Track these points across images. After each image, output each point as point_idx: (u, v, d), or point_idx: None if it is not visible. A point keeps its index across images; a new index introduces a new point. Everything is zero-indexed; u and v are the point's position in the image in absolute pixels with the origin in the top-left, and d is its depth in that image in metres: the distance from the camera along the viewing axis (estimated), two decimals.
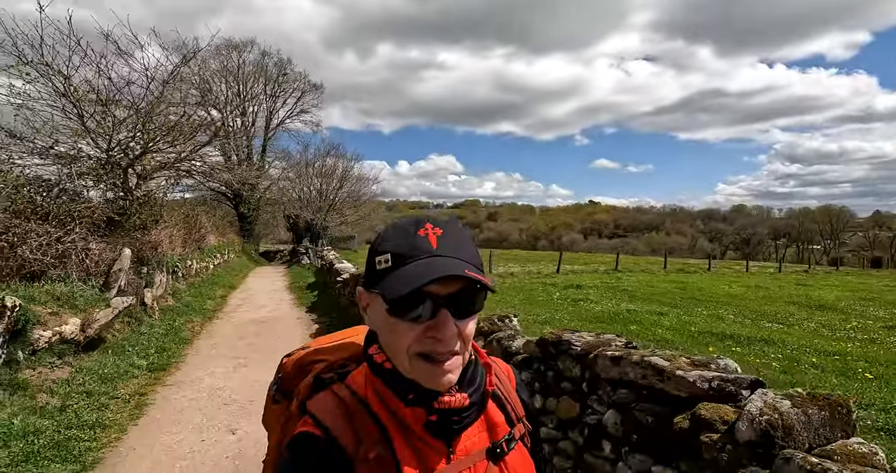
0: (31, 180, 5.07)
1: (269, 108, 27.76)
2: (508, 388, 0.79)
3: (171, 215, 8.44)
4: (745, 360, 5.93)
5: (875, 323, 9.72)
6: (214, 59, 25.63)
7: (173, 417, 3.79)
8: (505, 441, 0.71)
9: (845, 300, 13.21)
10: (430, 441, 0.65)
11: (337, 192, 24.18)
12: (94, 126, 5.84)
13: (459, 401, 0.64)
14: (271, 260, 23.75)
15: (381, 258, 0.63)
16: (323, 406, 0.67)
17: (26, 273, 4.22)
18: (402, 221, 0.68)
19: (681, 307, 11.09)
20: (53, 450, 3.08)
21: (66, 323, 4.29)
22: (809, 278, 20.20)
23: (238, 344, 6.19)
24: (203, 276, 11.63)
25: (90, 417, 3.60)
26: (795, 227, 50.14)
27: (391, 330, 0.63)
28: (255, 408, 3.99)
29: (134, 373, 4.63)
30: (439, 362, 0.61)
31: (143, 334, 5.83)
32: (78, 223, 4.90)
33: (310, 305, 9.41)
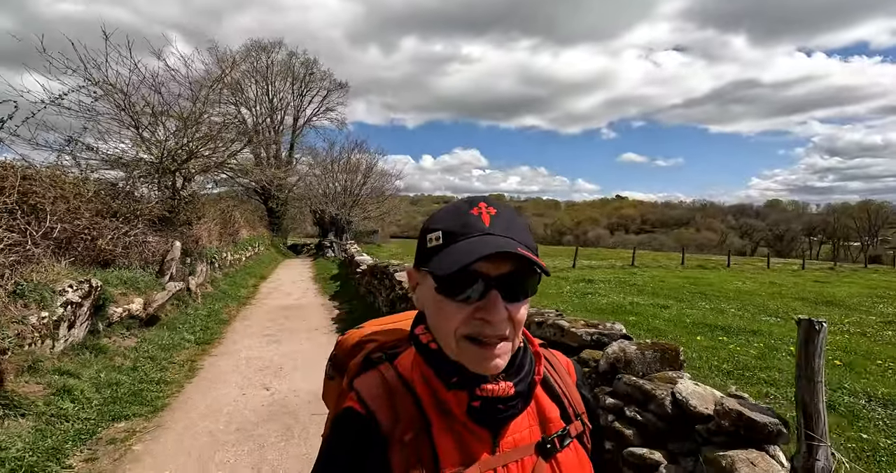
0: (104, 185, 6.12)
1: (297, 107, 29.03)
2: (567, 382, 0.77)
3: (209, 211, 9.52)
4: (727, 347, 6.53)
5: (876, 318, 10.03)
6: (244, 60, 26.99)
7: (219, 378, 4.72)
8: (557, 437, 0.69)
9: (858, 297, 13.38)
10: (473, 428, 0.64)
11: (361, 188, 25.24)
12: (149, 135, 6.89)
13: (504, 390, 0.62)
14: (298, 253, 25.02)
15: (432, 235, 0.63)
16: (367, 384, 0.68)
17: (101, 260, 5.24)
18: (460, 201, 0.67)
19: (686, 301, 11.58)
20: (131, 397, 4.02)
21: (133, 302, 5.29)
22: (832, 275, 20.10)
23: (269, 326, 7.15)
24: (236, 267, 12.77)
25: (155, 375, 4.56)
26: (831, 223, 48.71)
27: (439, 310, 0.62)
28: (284, 373, 4.89)
29: (185, 345, 5.62)
30: (488, 345, 0.60)
31: (189, 315, 6.85)
32: (139, 220, 5.94)
33: (332, 294, 10.39)
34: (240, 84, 26.36)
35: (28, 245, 3.59)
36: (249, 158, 15.04)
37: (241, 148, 9.09)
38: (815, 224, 50.79)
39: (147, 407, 3.90)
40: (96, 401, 3.79)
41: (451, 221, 0.63)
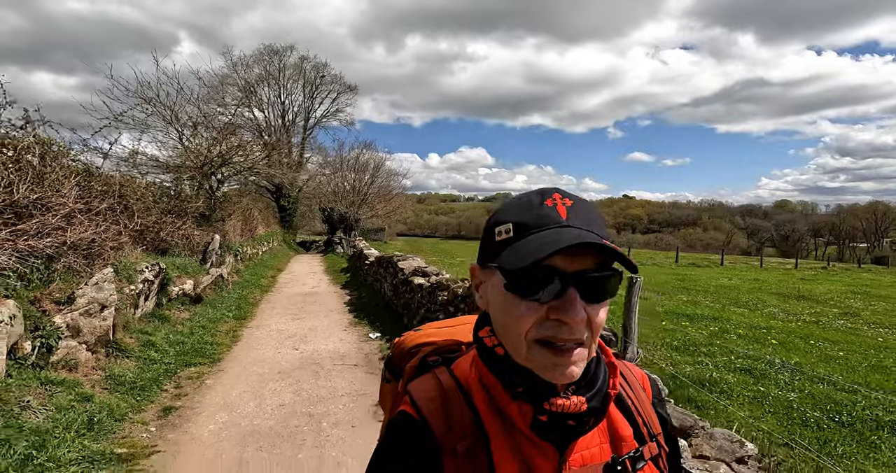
0: (162, 188, 7.44)
1: (307, 108, 30.39)
2: (642, 399, 0.72)
3: (235, 209, 10.85)
4: (685, 331, 7.73)
5: (837, 310, 11.15)
6: (258, 64, 28.44)
7: (258, 342, 6.02)
8: (629, 458, 0.63)
9: (833, 293, 14.45)
10: (537, 442, 0.60)
11: (368, 187, 26.56)
12: (189, 144, 8.22)
13: (575, 406, 0.58)
14: (308, 249, 26.37)
15: (502, 228, 0.58)
16: (422, 388, 0.65)
17: (161, 249, 6.54)
18: (530, 193, 0.63)
19: (666, 294, 12.75)
20: (194, 352, 5.31)
21: (185, 283, 6.60)
22: (821, 274, 21.08)
23: (291, 307, 8.46)
24: (255, 260, 14.12)
25: (208, 339, 5.86)
26: (837, 225, 49.33)
27: (508, 310, 0.57)
28: (308, 340, 6.17)
29: (226, 319, 6.92)
30: (563, 351, 0.55)
31: (224, 297, 8.17)
32: (188, 216, 7.25)
33: (343, 283, 11.70)
34: (253, 87, 27.79)
35: (122, 235, 4.87)
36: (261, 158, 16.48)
37: (265, 156, 10.40)
38: (821, 225, 51.40)
39: (208, 359, 5.20)
40: (171, 353, 5.08)
41: (522, 213, 0.58)
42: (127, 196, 5.40)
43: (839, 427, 4.24)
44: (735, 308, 11.08)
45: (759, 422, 4.10)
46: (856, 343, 7.65)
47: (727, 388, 5.07)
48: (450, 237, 77.90)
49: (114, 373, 4.16)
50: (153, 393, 4.09)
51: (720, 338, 7.57)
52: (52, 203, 3.79)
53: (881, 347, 7.40)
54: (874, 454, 3.80)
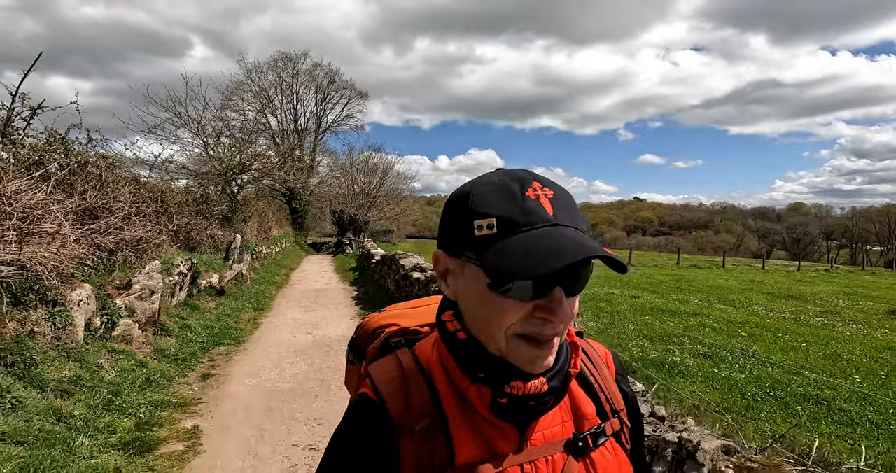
0: (192, 193, 8.42)
1: (319, 114, 31.52)
2: (605, 375, 0.73)
3: (252, 211, 11.84)
4: (665, 324, 8.49)
5: (819, 308, 11.79)
6: (272, 70, 29.64)
7: (276, 328, 6.93)
8: (591, 434, 0.65)
9: (824, 294, 15.02)
10: (496, 423, 0.61)
11: (377, 190, 27.55)
12: (213, 153, 9.21)
13: (536, 387, 0.59)
14: (318, 250, 27.40)
15: (483, 222, 0.55)
16: (382, 370, 0.66)
17: (191, 246, 7.49)
18: (498, 176, 0.60)
19: (659, 293, 13.46)
20: (222, 335, 6.23)
21: (212, 277, 7.55)
22: (822, 276, 21.52)
23: (303, 301, 9.38)
24: (269, 259, 15.10)
25: (233, 325, 6.78)
26: (850, 228, 49.25)
27: (488, 306, 0.56)
28: (319, 327, 7.06)
29: (247, 309, 7.85)
30: (543, 344, 0.56)
31: (244, 291, 9.11)
32: (214, 218, 8.21)
33: (351, 281, 12.63)
34: (267, 92, 28.99)
35: (162, 234, 5.81)
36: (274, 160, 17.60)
37: (280, 163, 11.41)
38: (834, 228, 51.33)
39: (234, 341, 6.11)
40: (203, 334, 6.01)
41: (505, 205, 0.55)
42: (167, 200, 6.37)
43: (771, 400, 5.02)
44: (721, 305, 11.75)
45: (705, 395, 4.89)
46: (821, 335, 8.32)
47: (685, 370, 5.86)
48: None
49: (160, 347, 5.08)
50: (192, 363, 5.00)
51: (695, 331, 8.32)
52: (113, 207, 4.73)
53: (844, 339, 8.08)
54: (791, 418, 4.59)
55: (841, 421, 4.53)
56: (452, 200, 0.61)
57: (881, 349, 7.36)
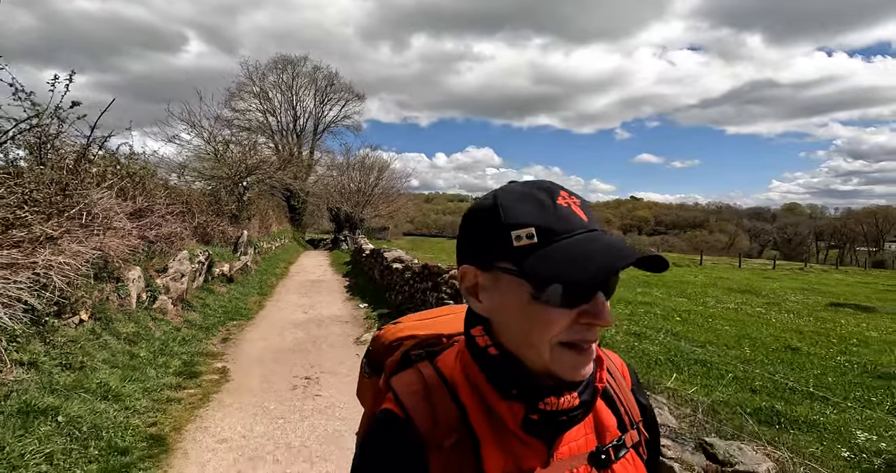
0: (206, 194, 9.88)
1: (317, 114, 32.94)
2: (623, 387, 0.75)
3: (255, 210, 13.31)
4: (616, 310, 9.95)
5: (763, 301, 13.26)
6: (272, 72, 31.06)
7: (278, 309, 8.41)
8: (612, 446, 0.67)
9: (782, 290, 16.50)
10: (525, 439, 0.62)
11: (373, 189, 29.00)
12: (223, 160, 10.67)
13: (569, 402, 0.60)
14: (316, 246, 28.84)
15: (521, 232, 0.56)
16: (405, 383, 0.66)
17: (205, 240, 8.95)
18: (521, 187, 0.61)
19: (626, 287, 14.91)
20: (234, 312, 7.70)
21: (224, 266, 9.02)
22: (792, 274, 23.01)
23: (301, 289, 10.85)
24: (270, 254, 16.57)
25: (242, 305, 8.26)
26: (839, 229, 50.82)
27: (531, 318, 0.57)
28: (314, 308, 8.53)
29: (252, 294, 9.33)
30: (585, 350, 0.58)
31: (249, 280, 10.59)
32: (224, 216, 9.65)
33: (344, 273, 14.13)
34: (267, 93, 30.42)
35: (186, 230, 7.27)
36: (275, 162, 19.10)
37: (282, 168, 12.91)
38: (824, 228, 52.89)
39: (244, 317, 7.58)
40: (219, 311, 7.48)
41: (541, 215, 0.57)
42: (190, 202, 7.82)
43: (669, 364, 6.47)
44: (678, 298, 13.22)
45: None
46: (748, 322, 9.79)
47: (612, 344, 7.32)
48: (456, 236, 79.78)
49: (188, 319, 6.55)
50: (214, 331, 6.47)
51: (638, 316, 9.79)
52: (154, 207, 6.18)
53: (764, 324, 9.55)
54: (677, 374, 6.05)
55: (711, 376, 6.01)
56: (476, 213, 0.61)
57: (787, 331, 8.83)
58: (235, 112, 28.97)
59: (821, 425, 4.38)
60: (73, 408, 3.24)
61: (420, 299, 6.73)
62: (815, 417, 4.54)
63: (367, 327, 6.97)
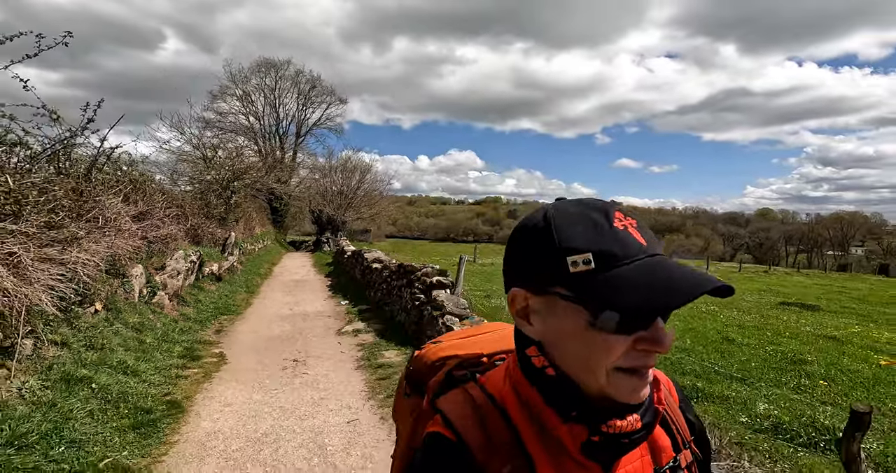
0: (199, 200, 10.50)
1: (300, 118, 33.48)
2: (673, 407, 0.74)
3: (241, 213, 13.93)
4: None
5: (717, 300, 14.33)
6: (255, 75, 31.52)
7: (264, 305, 9.09)
8: (669, 468, 0.67)
9: (742, 291, 17.60)
10: (583, 462, 0.61)
11: (355, 192, 29.66)
12: (211, 164, 11.30)
13: (631, 425, 0.60)
14: (298, 248, 29.32)
15: (578, 258, 0.55)
16: (454, 405, 0.65)
17: (196, 241, 9.58)
18: (574, 206, 0.60)
19: None
20: (225, 308, 8.37)
21: (213, 266, 9.67)
22: (756, 276, 24.39)
23: (285, 288, 11.53)
24: (254, 255, 17.13)
25: (231, 302, 8.92)
26: (806, 233, 53.23)
27: (589, 345, 0.56)
28: (298, 305, 9.24)
29: (240, 292, 9.99)
30: (643, 375, 0.57)
31: (236, 279, 11.23)
32: (214, 218, 10.28)
33: (326, 274, 14.82)
34: (250, 96, 30.85)
35: (181, 231, 7.93)
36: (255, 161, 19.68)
37: (267, 174, 13.59)
38: (793, 233, 55.29)
39: (234, 312, 8.26)
40: (211, 307, 8.14)
41: (597, 239, 0.55)
42: (184, 206, 8.47)
43: None
44: None
45: None
46: (697, 318, 10.77)
47: None
48: (439, 239, 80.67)
49: (183, 313, 7.22)
50: (208, 324, 7.15)
51: None
52: (153, 211, 6.85)
53: (713, 320, 10.55)
54: None
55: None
56: (527, 233, 0.60)
57: (730, 325, 9.84)
58: (219, 115, 29.41)
59: (731, 399, 5.29)
60: (102, 379, 3.95)
61: (396, 295, 7.50)
62: (729, 393, 5.44)
63: (347, 321, 7.72)
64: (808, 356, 7.38)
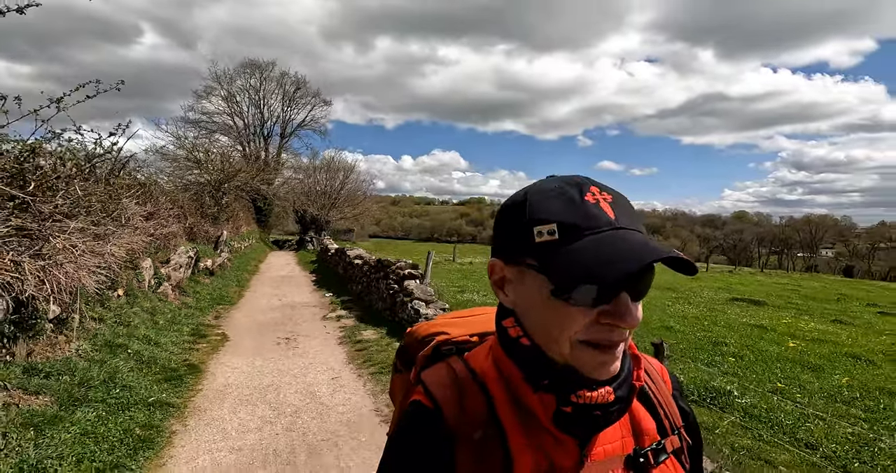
0: (195, 200, 11.44)
1: (284, 119, 34.27)
2: (664, 392, 0.75)
3: (231, 213, 14.89)
4: None
5: (675, 296, 15.70)
6: (240, 76, 32.25)
7: (255, 297, 10.12)
8: (652, 450, 0.66)
9: (699, 288, 19.06)
10: (557, 435, 0.62)
11: (338, 192, 30.60)
12: (204, 167, 12.26)
13: (603, 396, 0.60)
14: (281, 247, 30.11)
15: (543, 228, 0.57)
16: (435, 376, 0.68)
17: (192, 238, 10.54)
18: (553, 182, 0.62)
19: None
20: (220, 298, 9.37)
21: (207, 262, 10.65)
22: (721, 276, 26.03)
23: (273, 283, 12.55)
24: (240, 253, 18.03)
25: (225, 293, 9.93)
26: (777, 235, 55.70)
27: (552, 314, 0.58)
28: (286, 296, 10.27)
29: (232, 286, 10.99)
30: (609, 348, 0.58)
31: (227, 275, 12.20)
32: (207, 217, 11.24)
33: (311, 270, 15.85)
34: (235, 97, 31.58)
35: (181, 229, 8.92)
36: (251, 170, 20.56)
37: (256, 175, 14.58)
38: (765, 235, 57.73)
39: (228, 302, 9.28)
40: (208, 298, 9.14)
41: (566, 210, 0.58)
42: (185, 207, 9.44)
43: None
44: None
45: None
46: (652, 310, 12.02)
47: None
48: (423, 239, 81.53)
49: (185, 302, 8.23)
50: (207, 311, 8.17)
51: None
52: (160, 211, 7.85)
53: (662, 312, 11.82)
54: None
55: None
56: (507, 208, 0.63)
57: (674, 316, 11.14)
58: (203, 115, 30.09)
59: None
60: (135, 346, 5.00)
61: (375, 287, 8.61)
62: None
63: (331, 309, 8.80)
64: (729, 339, 8.70)
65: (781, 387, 5.93)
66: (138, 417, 3.62)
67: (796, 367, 7.01)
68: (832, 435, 4.47)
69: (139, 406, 3.79)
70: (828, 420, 4.76)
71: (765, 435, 4.34)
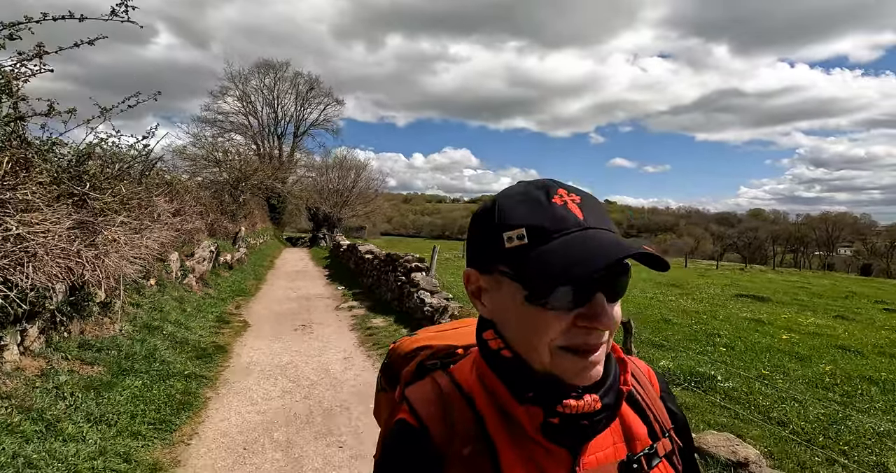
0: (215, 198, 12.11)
1: (298, 118, 35.06)
2: (652, 395, 0.74)
3: (248, 210, 15.60)
4: None
5: (680, 292, 16.02)
6: (255, 76, 33.07)
7: (271, 289, 10.75)
8: (644, 455, 0.65)
9: (707, 286, 19.32)
10: (547, 447, 0.61)
11: (350, 190, 31.29)
12: (224, 167, 12.94)
13: (589, 405, 0.59)
14: (294, 244, 30.93)
15: (512, 234, 0.57)
16: (420, 393, 0.67)
17: (212, 234, 11.21)
18: (521, 186, 0.62)
19: None
20: (239, 291, 10.01)
21: (226, 256, 11.31)
22: (731, 273, 26.16)
23: (288, 277, 13.19)
24: (256, 249, 18.76)
25: (244, 286, 10.57)
26: (793, 233, 55.30)
27: (528, 321, 0.57)
28: (301, 289, 10.89)
29: (250, 279, 11.64)
30: (588, 353, 0.57)
31: (245, 268, 12.87)
32: (226, 214, 11.92)
33: (324, 265, 16.51)
34: (249, 96, 32.42)
35: (203, 225, 9.57)
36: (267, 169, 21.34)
37: (271, 175, 15.30)
38: (780, 233, 57.35)
39: (247, 294, 9.91)
40: (228, 290, 9.78)
41: (533, 214, 0.57)
42: (207, 205, 10.11)
43: None
44: None
45: None
46: (651, 305, 12.42)
47: None
48: (434, 237, 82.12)
49: (208, 293, 8.87)
50: (228, 302, 8.80)
51: None
52: (186, 208, 8.49)
53: (664, 307, 12.20)
54: None
55: None
56: (478, 217, 0.63)
57: (675, 310, 11.52)
58: (219, 115, 30.96)
59: (643, 358, 6.95)
60: (169, 329, 5.61)
61: (384, 279, 9.17)
62: (643, 355, 7.07)
63: (344, 300, 9.38)
64: (723, 331, 9.09)
65: (766, 374, 6.33)
66: (177, 386, 4.20)
67: (784, 357, 7.38)
68: (804, 415, 4.87)
69: (177, 377, 4.38)
70: (803, 403, 5.14)
71: (741, 414, 4.77)
